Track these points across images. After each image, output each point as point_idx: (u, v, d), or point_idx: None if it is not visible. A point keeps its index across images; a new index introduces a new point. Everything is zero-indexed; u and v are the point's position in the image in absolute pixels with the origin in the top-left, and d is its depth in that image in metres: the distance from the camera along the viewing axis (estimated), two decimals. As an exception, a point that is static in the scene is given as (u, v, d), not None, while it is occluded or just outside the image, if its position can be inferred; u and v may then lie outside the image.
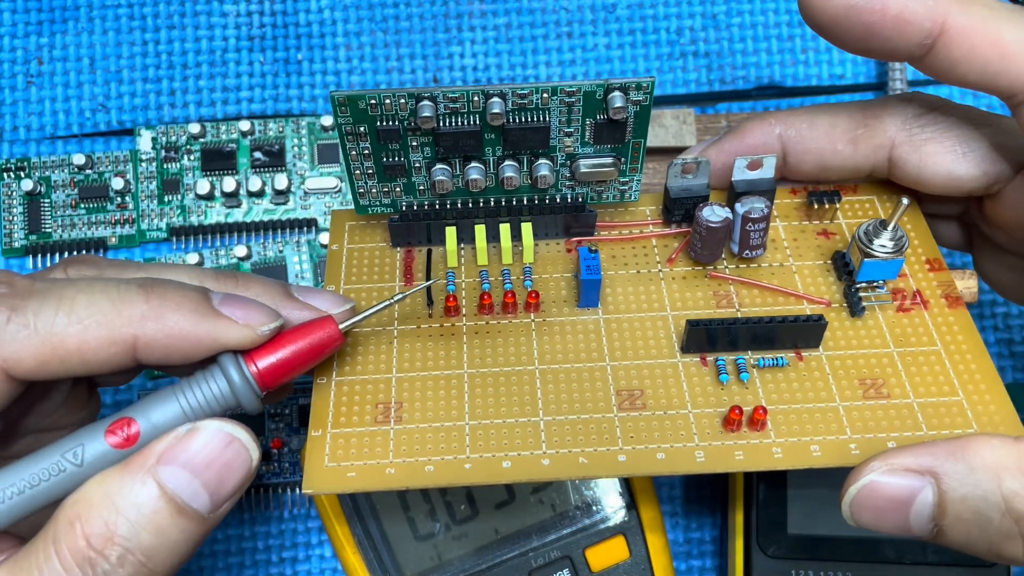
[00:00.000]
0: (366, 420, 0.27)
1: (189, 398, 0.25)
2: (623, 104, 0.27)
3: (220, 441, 0.24)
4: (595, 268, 0.28)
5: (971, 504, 0.23)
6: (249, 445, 0.25)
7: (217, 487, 0.24)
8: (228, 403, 0.25)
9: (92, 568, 0.23)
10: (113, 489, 0.23)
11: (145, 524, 0.23)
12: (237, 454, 0.24)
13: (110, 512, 0.23)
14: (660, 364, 0.28)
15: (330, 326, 0.26)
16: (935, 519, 0.23)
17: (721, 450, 0.26)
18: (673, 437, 0.26)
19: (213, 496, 0.24)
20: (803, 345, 0.28)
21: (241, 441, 0.24)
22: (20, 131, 0.41)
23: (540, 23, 0.43)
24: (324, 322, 0.26)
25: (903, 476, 0.24)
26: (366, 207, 0.31)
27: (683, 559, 0.38)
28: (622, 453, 0.26)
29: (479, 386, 0.27)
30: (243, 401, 0.25)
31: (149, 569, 0.23)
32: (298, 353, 0.26)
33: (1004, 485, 0.23)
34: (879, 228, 0.28)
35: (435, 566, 0.33)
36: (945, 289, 0.29)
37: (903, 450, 0.24)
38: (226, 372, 0.25)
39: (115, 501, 0.23)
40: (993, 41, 0.25)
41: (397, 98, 0.27)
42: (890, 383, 0.27)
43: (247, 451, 0.25)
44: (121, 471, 0.23)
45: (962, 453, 0.23)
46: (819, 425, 0.26)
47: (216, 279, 0.28)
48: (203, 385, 0.25)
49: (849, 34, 0.26)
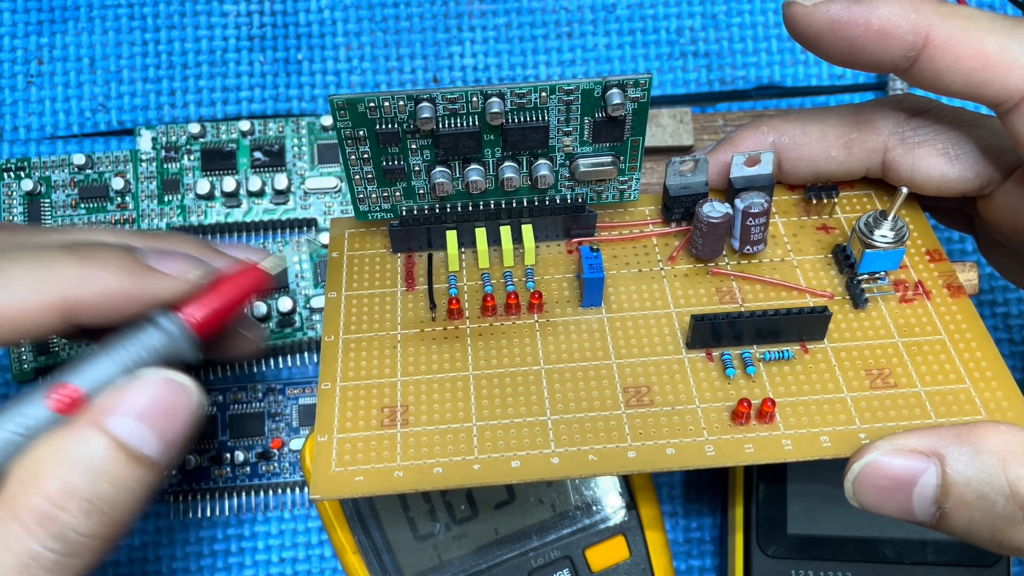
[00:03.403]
0: (372, 424, 0.27)
1: (122, 354, 0.25)
2: (621, 101, 0.27)
3: (160, 386, 0.25)
4: (597, 267, 0.28)
5: (975, 487, 0.23)
6: (189, 386, 0.25)
7: (164, 430, 0.25)
8: (168, 354, 0.26)
9: (53, 524, 0.23)
10: (65, 446, 0.23)
11: (102, 475, 0.23)
12: (179, 396, 0.25)
13: (65, 467, 0.23)
14: (666, 360, 0.28)
15: (253, 267, 0.27)
16: (938, 501, 0.23)
17: (731, 443, 0.26)
18: (682, 432, 0.26)
19: (162, 439, 0.25)
20: (808, 338, 0.28)
21: (181, 383, 0.25)
22: (20, 131, 0.41)
23: (540, 23, 0.43)
24: (247, 265, 0.27)
25: (908, 457, 0.24)
26: (366, 213, 0.31)
27: (683, 559, 0.38)
28: (632, 449, 0.26)
29: (485, 387, 0.27)
30: (182, 349, 0.26)
31: (113, 519, 0.24)
32: (224, 294, 0.27)
33: (1010, 470, 0.23)
34: (879, 219, 0.28)
35: (435, 566, 0.33)
36: (947, 279, 0.29)
37: (909, 432, 0.24)
38: (159, 324, 0.26)
39: (69, 457, 0.23)
40: (976, 52, 0.25)
41: (396, 100, 0.27)
42: (896, 373, 0.27)
43: (188, 392, 0.25)
44: (69, 429, 0.24)
45: (968, 437, 0.23)
46: (828, 416, 0.26)
47: (142, 238, 0.29)
48: (132, 338, 0.25)
49: (833, 48, 0.26)
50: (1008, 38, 0.25)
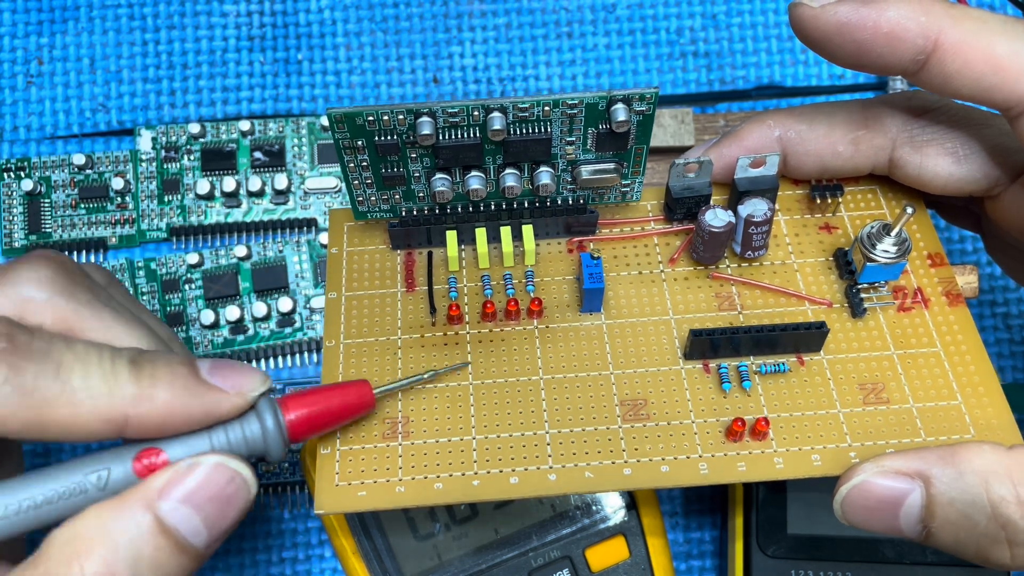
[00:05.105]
0: (374, 436, 0.27)
1: (220, 437, 0.24)
2: (626, 118, 0.27)
3: (221, 476, 0.24)
4: (598, 276, 0.28)
5: (959, 508, 0.23)
6: (249, 480, 0.24)
7: (216, 523, 0.23)
8: (256, 448, 0.25)
9: None
10: (112, 524, 0.22)
11: (145, 562, 0.22)
12: (238, 489, 0.24)
13: (109, 549, 0.22)
14: (663, 372, 0.28)
15: (365, 388, 0.26)
16: (924, 521, 0.24)
17: (724, 461, 0.26)
18: (677, 449, 0.26)
19: (211, 532, 0.23)
20: (805, 350, 0.28)
21: (242, 476, 0.24)
22: (20, 131, 0.41)
23: (540, 23, 0.43)
24: (360, 384, 0.26)
25: (893, 479, 0.24)
26: (365, 213, 0.31)
27: (683, 559, 0.38)
28: (627, 467, 0.26)
29: (485, 398, 0.27)
30: (272, 449, 0.25)
31: None
32: (331, 411, 0.26)
33: (992, 490, 0.23)
34: (882, 232, 0.28)
35: (435, 566, 0.33)
36: (946, 286, 0.29)
37: (895, 454, 0.24)
38: (262, 418, 0.25)
39: (114, 537, 0.22)
40: (986, 55, 0.25)
41: (395, 114, 0.26)
42: (890, 387, 0.27)
43: (247, 486, 0.24)
44: (119, 504, 0.23)
45: (952, 458, 0.24)
46: (820, 433, 0.26)
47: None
48: (235, 426, 0.25)
49: (841, 50, 0.26)
50: (1019, 42, 0.25)
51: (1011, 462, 0.23)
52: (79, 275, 0.27)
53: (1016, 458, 0.23)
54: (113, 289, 0.29)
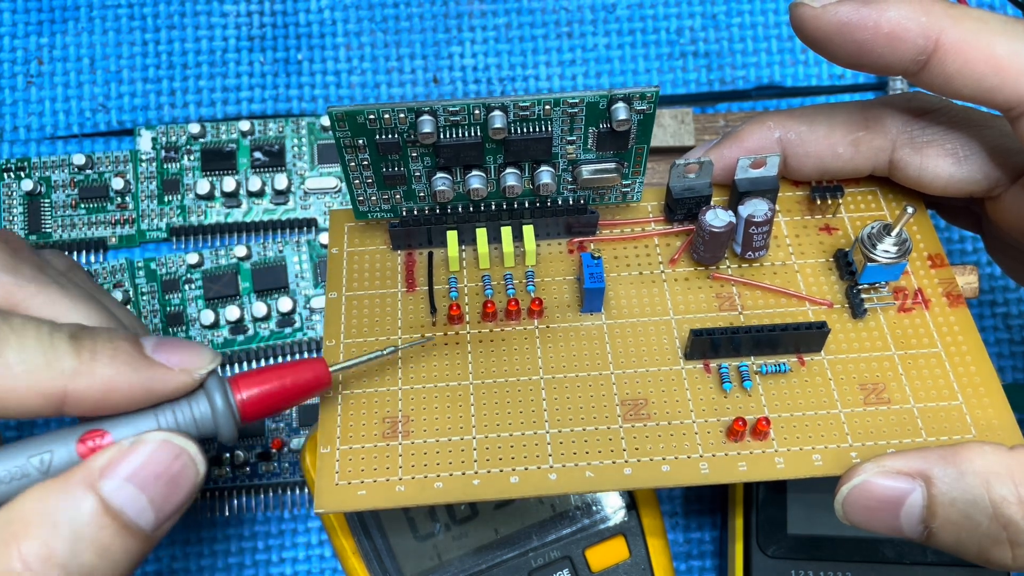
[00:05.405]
0: (374, 435, 0.27)
1: (167, 417, 0.24)
2: (627, 116, 0.27)
3: (167, 453, 0.23)
4: (598, 276, 0.28)
5: (960, 508, 0.23)
6: (196, 458, 0.23)
7: (163, 503, 0.23)
8: (207, 428, 0.24)
9: None
10: (52, 505, 0.22)
11: (87, 543, 0.22)
12: (184, 467, 0.23)
13: (49, 531, 0.21)
14: (664, 372, 0.28)
15: (319, 366, 0.25)
16: (925, 521, 0.24)
17: (724, 461, 0.26)
18: (678, 448, 0.26)
19: (158, 512, 0.23)
20: (805, 350, 0.28)
21: (189, 453, 0.23)
22: (20, 131, 0.41)
23: (540, 23, 0.43)
24: (315, 362, 0.25)
25: (894, 478, 0.24)
26: (365, 213, 0.31)
27: (683, 559, 0.38)
28: (628, 466, 0.26)
29: (485, 397, 0.27)
30: (222, 429, 0.24)
31: None
32: (284, 389, 0.25)
33: (993, 491, 0.23)
34: (883, 233, 0.28)
35: (435, 566, 0.33)
36: (946, 287, 0.29)
37: (896, 454, 0.24)
38: (211, 397, 0.24)
39: (54, 518, 0.21)
40: (987, 56, 0.25)
41: (396, 113, 0.26)
42: (891, 387, 0.27)
43: (194, 465, 0.23)
44: (61, 485, 0.22)
45: (954, 458, 0.24)
46: (820, 433, 0.26)
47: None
48: (184, 406, 0.24)
49: (842, 50, 0.26)
50: (1019, 42, 0.25)
51: (1012, 462, 0.23)
52: (25, 251, 0.26)
53: (1017, 458, 0.23)
54: (73, 274, 0.28)
